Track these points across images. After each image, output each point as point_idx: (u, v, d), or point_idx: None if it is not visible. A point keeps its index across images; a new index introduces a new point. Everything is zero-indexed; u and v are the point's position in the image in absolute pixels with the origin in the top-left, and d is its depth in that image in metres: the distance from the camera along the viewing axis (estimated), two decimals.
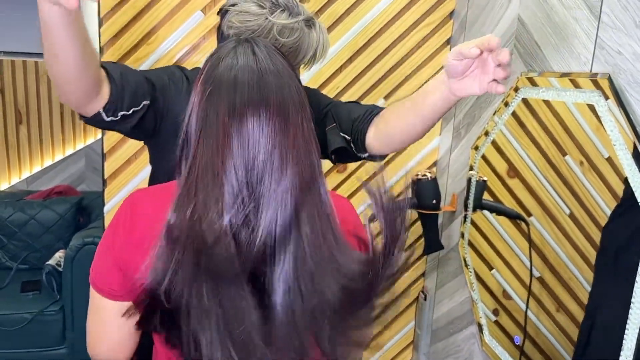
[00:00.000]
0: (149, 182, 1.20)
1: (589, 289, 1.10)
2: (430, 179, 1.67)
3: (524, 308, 1.34)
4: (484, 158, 1.51)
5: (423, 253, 1.80)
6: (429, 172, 1.69)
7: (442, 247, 1.76)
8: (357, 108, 1.16)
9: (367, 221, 0.72)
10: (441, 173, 1.90)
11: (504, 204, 1.43)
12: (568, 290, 1.17)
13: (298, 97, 0.71)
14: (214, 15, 1.17)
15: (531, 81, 1.25)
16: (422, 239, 1.78)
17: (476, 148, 1.54)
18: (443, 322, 1.86)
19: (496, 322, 1.49)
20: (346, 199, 0.89)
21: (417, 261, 2.03)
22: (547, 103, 1.22)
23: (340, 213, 0.77)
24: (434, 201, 1.67)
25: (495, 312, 1.49)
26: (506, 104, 1.37)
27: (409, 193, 1.69)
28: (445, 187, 1.85)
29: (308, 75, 1.79)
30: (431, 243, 1.74)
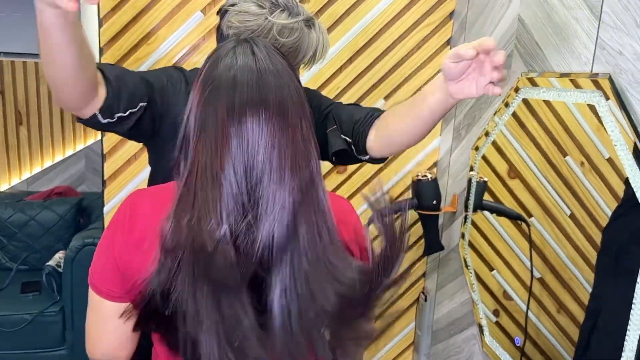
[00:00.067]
0: (149, 183, 1.19)
1: (590, 290, 1.10)
2: (430, 180, 1.67)
3: (525, 309, 1.33)
4: (485, 159, 1.51)
5: (423, 254, 1.79)
6: (430, 173, 1.68)
7: (443, 248, 1.75)
8: (359, 110, 1.16)
9: (367, 223, 0.73)
10: (442, 174, 1.90)
11: (505, 205, 1.43)
12: (569, 291, 1.17)
13: (297, 97, 0.71)
14: (214, 15, 1.17)
15: (531, 81, 1.25)
16: (423, 240, 1.78)
17: (476, 149, 1.54)
18: (443, 323, 1.86)
19: (497, 323, 1.48)
20: (346, 200, 0.89)
21: (418, 262, 2.03)
22: (548, 103, 1.21)
23: (340, 214, 0.77)
24: (435, 202, 1.67)
25: (495, 313, 1.49)
26: (506, 105, 1.36)
27: (412, 200, 1.68)
28: (445, 188, 1.85)
29: (308, 75, 1.79)
30: (431, 244, 1.74)
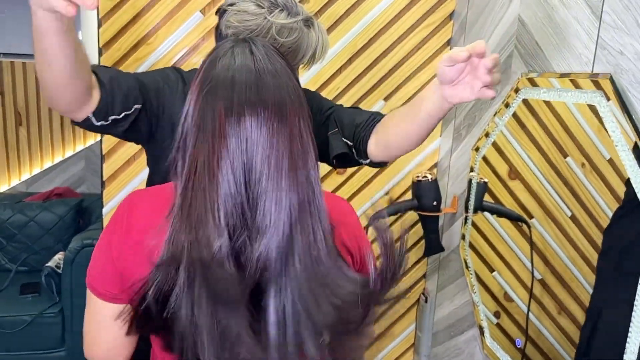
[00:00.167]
0: (147, 184, 1.19)
1: (591, 291, 1.09)
2: (430, 181, 1.67)
3: (526, 310, 1.33)
4: (485, 159, 1.51)
5: (424, 255, 1.79)
6: (430, 174, 1.68)
7: (443, 249, 1.75)
8: (360, 114, 1.16)
9: (366, 226, 0.72)
10: (442, 174, 1.90)
11: (505, 206, 1.42)
12: (570, 292, 1.16)
13: (296, 98, 0.70)
14: (213, 16, 1.16)
15: (532, 82, 1.25)
16: (423, 241, 1.77)
17: (477, 149, 1.53)
18: (444, 325, 1.85)
19: (497, 325, 1.48)
20: (346, 201, 0.89)
21: (418, 263, 2.02)
22: (548, 104, 1.21)
23: (339, 215, 0.76)
24: (435, 203, 1.67)
25: (496, 315, 1.48)
26: (507, 105, 1.36)
27: (412, 201, 1.68)
28: (445, 189, 1.85)
29: (307, 76, 1.78)
30: (432, 245, 1.74)
